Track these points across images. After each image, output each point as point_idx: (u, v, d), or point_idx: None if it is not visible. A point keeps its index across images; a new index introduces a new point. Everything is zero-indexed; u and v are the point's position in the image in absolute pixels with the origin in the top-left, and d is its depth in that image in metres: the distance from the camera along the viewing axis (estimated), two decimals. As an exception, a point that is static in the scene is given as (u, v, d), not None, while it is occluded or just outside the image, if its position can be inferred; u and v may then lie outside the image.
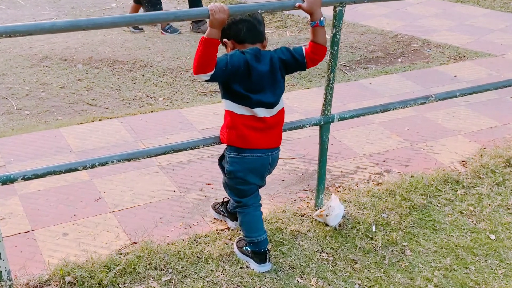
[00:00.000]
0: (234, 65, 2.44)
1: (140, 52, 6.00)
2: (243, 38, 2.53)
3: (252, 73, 2.48)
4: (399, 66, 5.63)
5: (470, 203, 3.29)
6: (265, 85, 2.53)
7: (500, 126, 4.32)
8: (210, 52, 2.33)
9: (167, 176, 3.57)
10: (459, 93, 3.29)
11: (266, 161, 2.67)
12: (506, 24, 7.01)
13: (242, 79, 2.48)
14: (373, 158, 3.84)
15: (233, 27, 2.52)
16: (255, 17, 2.54)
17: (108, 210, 3.22)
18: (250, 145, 2.60)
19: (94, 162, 2.51)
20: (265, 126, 2.60)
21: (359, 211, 3.17)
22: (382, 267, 2.80)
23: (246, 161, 2.64)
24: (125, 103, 4.90)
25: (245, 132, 2.57)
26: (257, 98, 2.53)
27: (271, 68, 2.53)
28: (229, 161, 2.67)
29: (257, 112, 2.55)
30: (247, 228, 2.78)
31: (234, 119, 2.58)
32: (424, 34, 6.56)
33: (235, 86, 2.50)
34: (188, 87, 5.20)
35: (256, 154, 2.62)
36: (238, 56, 2.46)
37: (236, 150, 2.64)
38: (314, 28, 2.57)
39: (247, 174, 2.67)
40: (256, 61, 2.49)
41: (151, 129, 4.20)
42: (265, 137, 2.62)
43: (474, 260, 2.85)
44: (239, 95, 2.52)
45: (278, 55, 2.56)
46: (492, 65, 5.59)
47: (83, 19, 2.27)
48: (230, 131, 2.62)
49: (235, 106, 2.56)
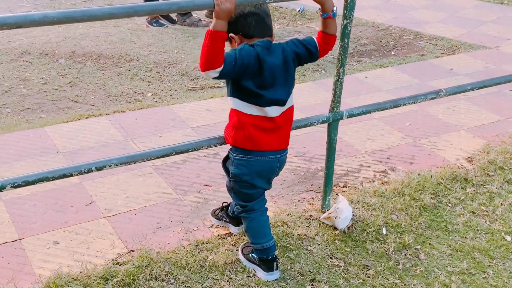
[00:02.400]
0: (244, 60, 2.24)
1: (125, 46, 5.75)
2: (252, 32, 2.33)
3: (263, 67, 2.29)
4: (393, 59, 5.50)
5: (481, 202, 3.16)
6: (277, 79, 2.35)
7: (503, 121, 4.21)
8: (217, 46, 2.14)
9: (162, 177, 3.37)
10: (470, 87, 3.15)
11: (274, 164, 2.50)
12: (497, 15, 6.92)
13: (253, 74, 2.29)
14: (376, 156, 3.69)
15: (241, 20, 2.32)
16: (263, 9, 2.35)
17: (101, 215, 3.01)
18: (258, 147, 2.42)
19: (90, 167, 2.31)
20: (275, 126, 2.42)
21: (367, 213, 3.01)
22: (396, 273, 2.65)
23: (253, 164, 2.45)
24: (112, 99, 4.67)
25: (253, 133, 2.39)
26: (269, 96, 2.34)
27: (284, 61, 2.35)
28: (235, 163, 2.48)
29: (268, 111, 2.37)
30: (254, 234, 2.60)
31: (241, 118, 2.39)
32: (416, 26, 6.43)
33: (246, 83, 2.31)
34: (177, 82, 4.99)
35: (264, 156, 2.44)
36: (248, 50, 2.27)
37: (242, 152, 2.45)
38: (326, 20, 2.40)
39: (254, 178, 2.49)
40: (268, 54, 2.30)
41: (141, 127, 3.98)
42: (274, 138, 2.44)
43: (491, 263, 2.72)
44: (249, 92, 2.33)
45: (291, 47, 2.39)
46: (488, 58, 5.48)
47: (77, 10, 2.06)
48: (236, 131, 2.42)
49: (244, 105, 2.37)
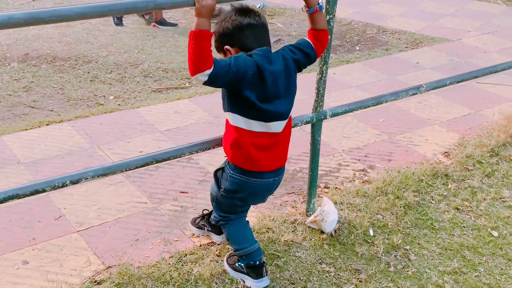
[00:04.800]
0: (240, 68, 2.06)
1: (82, 47, 5.49)
2: (250, 45, 2.16)
3: (265, 76, 2.11)
4: (359, 54, 5.45)
5: (464, 198, 3.12)
6: (280, 88, 2.18)
7: (474, 114, 4.21)
8: (203, 45, 1.99)
9: (135, 185, 3.18)
10: (449, 81, 3.10)
11: (272, 186, 2.38)
12: (455, 8, 7.00)
13: (253, 85, 2.11)
14: (353, 154, 3.61)
15: (237, 33, 2.15)
16: (262, 21, 2.19)
17: (72, 230, 2.81)
18: (258, 167, 2.26)
19: (64, 181, 2.12)
20: (276, 141, 2.26)
21: (352, 214, 2.92)
22: (388, 276, 2.56)
23: (251, 185, 2.31)
24: (72, 104, 4.43)
25: (254, 153, 2.21)
26: (272, 109, 2.17)
27: (285, 69, 2.19)
28: (231, 181, 2.31)
29: (271, 126, 2.20)
30: (236, 240, 2.47)
31: (241, 136, 2.20)
32: (378, 21, 6.42)
33: (246, 95, 2.11)
34: (140, 84, 4.79)
35: (263, 180, 2.30)
36: (245, 59, 2.10)
37: (241, 171, 2.28)
38: (313, 15, 2.29)
39: (248, 197, 2.38)
40: (268, 63, 2.13)
41: (107, 132, 3.78)
42: (274, 155, 2.29)
43: (481, 260, 2.67)
44: (251, 106, 2.14)
45: (289, 55, 2.23)
46: (452, 51, 5.51)
47: (45, 10, 1.87)
48: (235, 150, 2.25)
49: (245, 121, 2.18)
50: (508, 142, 3.67)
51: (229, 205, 2.42)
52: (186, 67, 5.08)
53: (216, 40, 2.21)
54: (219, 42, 2.21)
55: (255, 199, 2.45)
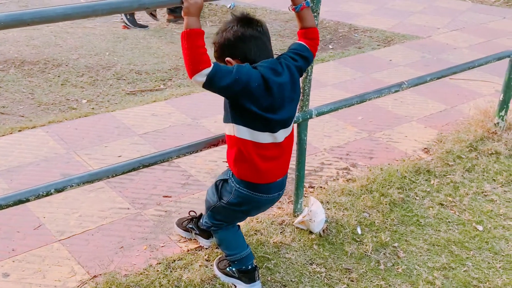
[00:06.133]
0: (242, 77, 1.97)
1: (51, 50, 5.35)
2: (253, 58, 2.08)
3: (272, 88, 2.04)
4: (332, 53, 5.46)
5: (447, 193, 3.14)
6: (286, 98, 2.11)
7: (449, 109, 4.26)
8: (196, 44, 1.93)
9: (116, 191, 3.10)
10: (429, 78, 3.13)
11: (276, 199, 2.33)
12: (423, 5, 7.09)
13: (259, 97, 2.03)
14: (335, 152, 3.60)
15: (240, 44, 2.07)
16: (265, 32, 2.11)
17: (54, 239, 2.71)
18: (265, 179, 2.20)
19: (48, 189, 2.04)
20: (282, 151, 2.20)
21: (339, 213, 2.91)
22: (379, 274, 2.56)
23: (257, 200, 2.25)
24: (43, 109, 4.29)
25: (260, 165, 2.14)
26: (279, 118, 2.10)
27: (291, 78, 2.12)
28: (236, 194, 2.23)
29: (278, 136, 2.15)
30: (228, 246, 2.43)
31: (247, 149, 2.12)
32: (349, 19, 6.45)
33: (250, 106, 2.03)
34: (113, 87, 4.68)
35: (270, 195, 2.25)
36: (249, 70, 2.02)
37: (247, 186, 2.20)
38: (301, 12, 2.25)
39: (252, 210, 2.35)
40: (274, 74, 2.06)
41: (83, 137, 3.68)
42: (280, 164, 2.23)
43: (469, 255, 2.69)
44: (256, 117, 2.07)
45: (292, 63, 2.16)
46: (423, 48, 5.57)
47: (27, 12, 1.80)
48: (240, 164, 2.17)
49: (252, 133, 2.10)
50: (486, 137, 3.72)
51: (229, 216, 2.36)
52: (159, 69, 5.00)
53: (216, 50, 2.13)
54: (219, 52, 2.11)
55: (257, 211, 2.42)
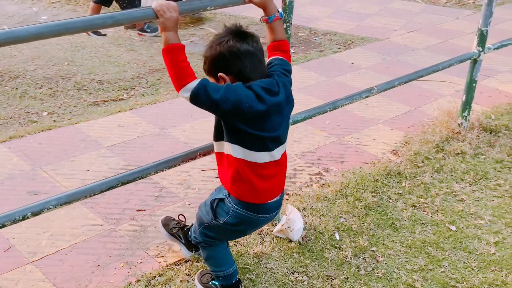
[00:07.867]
0: (230, 97, 1.89)
1: (6, 62, 5.17)
2: (248, 75, 1.99)
3: (269, 109, 1.99)
4: (295, 57, 5.48)
5: (419, 195, 3.20)
6: (282, 117, 2.07)
7: (413, 110, 4.34)
8: (178, 58, 1.90)
9: (87, 207, 3.02)
10: (397, 82, 3.19)
11: (272, 218, 2.28)
12: (379, 8, 7.21)
13: (253, 118, 1.97)
14: (306, 158, 3.61)
15: (234, 60, 1.97)
16: (260, 48, 2.04)
17: (26, 261, 2.62)
18: (264, 199, 2.14)
19: (25, 213, 1.96)
20: (279, 168, 2.15)
21: (317, 219, 2.92)
22: (360, 279, 2.57)
23: (255, 220, 2.19)
24: (2, 123, 4.14)
25: (258, 185, 2.08)
26: (274, 135, 2.06)
27: (286, 96, 2.07)
28: (234, 215, 2.15)
29: (275, 154, 2.09)
30: (216, 263, 2.38)
31: (244, 168, 2.05)
32: (308, 23, 6.50)
33: (248, 129, 1.98)
34: (75, 98, 4.56)
35: (268, 215, 2.20)
36: (239, 89, 1.94)
37: (246, 207, 2.12)
38: (273, 24, 2.23)
39: (248, 229, 2.32)
40: (271, 94, 2.00)
41: (48, 152, 3.56)
42: (277, 182, 2.18)
43: (445, 255, 2.74)
44: (253, 137, 2.01)
45: (286, 80, 2.11)
46: (383, 50, 5.66)
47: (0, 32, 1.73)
48: (238, 185, 2.09)
49: (250, 154, 2.03)
50: (451, 137, 3.80)
51: (223, 234, 2.30)
52: (121, 78, 4.91)
53: (206, 63, 2.04)
54: (211, 66, 2.02)
55: (254, 229, 2.42)
